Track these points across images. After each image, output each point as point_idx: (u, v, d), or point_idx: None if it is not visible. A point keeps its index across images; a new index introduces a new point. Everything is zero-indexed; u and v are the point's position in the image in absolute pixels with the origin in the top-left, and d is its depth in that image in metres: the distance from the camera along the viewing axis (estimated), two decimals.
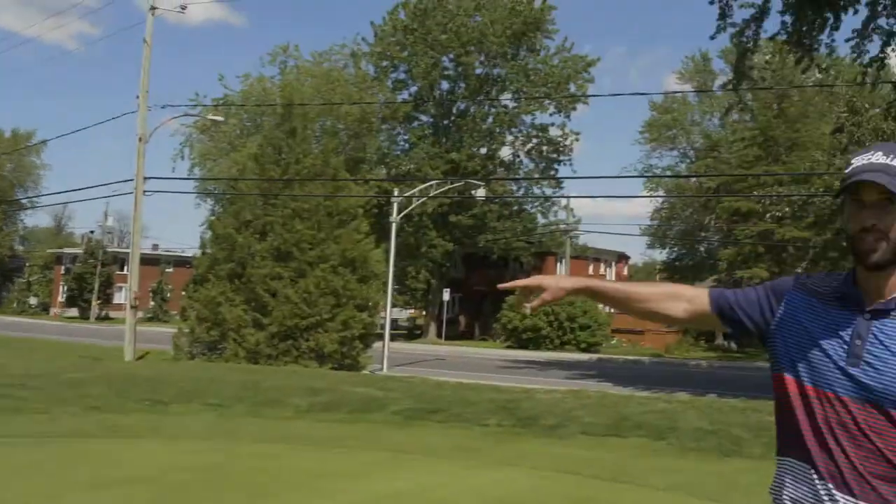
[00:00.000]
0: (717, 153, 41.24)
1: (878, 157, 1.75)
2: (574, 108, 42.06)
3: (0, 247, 66.68)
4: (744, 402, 12.93)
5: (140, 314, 52.80)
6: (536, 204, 43.83)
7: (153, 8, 22.35)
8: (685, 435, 9.60)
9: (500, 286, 2.05)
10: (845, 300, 1.85)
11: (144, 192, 22.42)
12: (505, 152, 44.22)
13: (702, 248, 45.64)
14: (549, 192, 43.78)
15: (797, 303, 1.93)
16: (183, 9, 23.53)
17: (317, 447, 8.79)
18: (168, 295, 58.76)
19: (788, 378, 1.87)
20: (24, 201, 68.16)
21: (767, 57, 34.43)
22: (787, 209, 33.71)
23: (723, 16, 17.69)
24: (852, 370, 1.74)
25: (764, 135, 38.91)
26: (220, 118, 29.85)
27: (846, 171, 1.80)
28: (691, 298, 2.11)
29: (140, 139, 22.28)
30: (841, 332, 1.80)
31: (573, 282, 2.10)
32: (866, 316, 1.78)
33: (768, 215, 34.14)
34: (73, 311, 59.60)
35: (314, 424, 10.31)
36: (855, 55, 18.19)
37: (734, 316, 2.05)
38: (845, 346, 1.77)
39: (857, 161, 1.79)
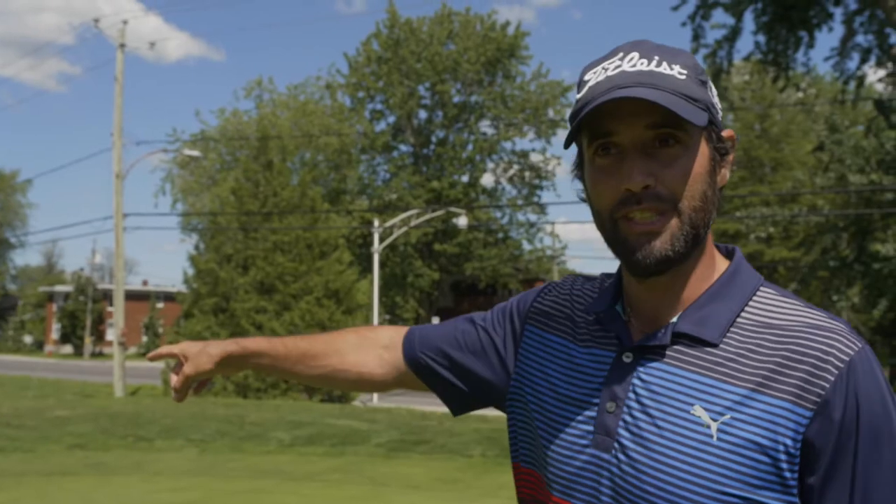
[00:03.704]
0: None
1: (635, 62, 1.03)
2: (554, 134, 42.37)
3: None
4: None
5: (133, 349, 53.01)
6: (522, 230, 43.97)
7: (122, 45, 22.53)
8: None
9: (148, 356, 1.47)
10: (601, 328, 1.15)
11: (124, 228, 22.40)
12: (487, 179, 44.36)
13: None
14: (533, 218, 43.98)
15: (534, 342, 1.23)
16: (152, 45, 24.03)
17: (297, 482, 8.75)
18: (160, 330, 58.59)
19: (532, 476, 1.19)
20: (12, 240, 68.11)
21: (746, 77, 34.88)
22: (771, 229, 33.87)
23: (696, 37, 17.90)
24: (605, 456, 1.05)
25: (747, 155, 39.21)
26: (196, 153, 29.90)
27: (578, 95, 1.07)
28: (389, 343, 1.40)
29: (117, 176, 22.29)
30: (590, 390, 1.10)
31: (223, 346, 1.39)
32: (626, 357, 1.07)
33: (752, 235, 34.29)
34: (68, 349, 59.47)
35: (296, 459, 10.28)
36: (837, 74, 18.41)
37: (436, 370, 1.33)
38: (593, 416, 1.08)
39: (598, 74, 1.04)
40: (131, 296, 44.52)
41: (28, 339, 64.90)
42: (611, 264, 1.19)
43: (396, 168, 42.18)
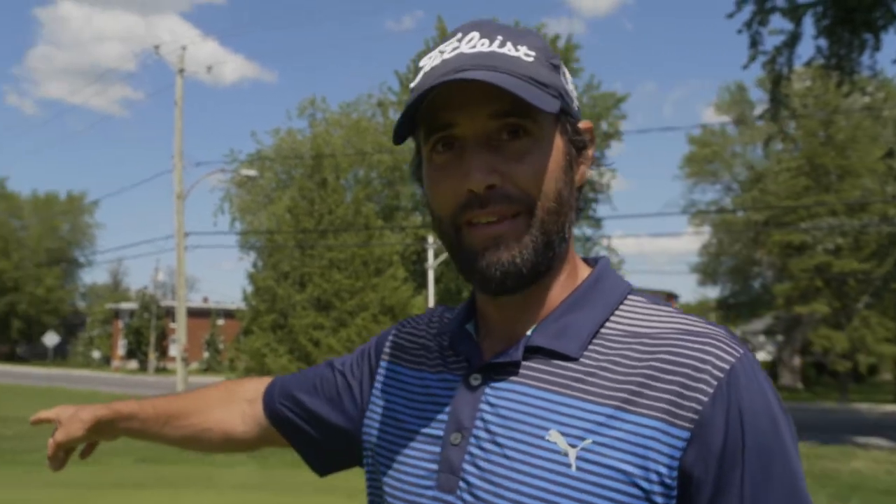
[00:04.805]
0: (763, 185, 40.62)
1: (475, 43, 0.89)
2: (608, 146, 42.00)
3: (62, 303, 68.64)
4: (807, 448, 12.41)
5: (195, 365, 53.94)
6: (578, 245, 43.62)
7: (181, 70, 23.10)
8: None
9: (31, 420, 1.38)
10: (453, 352, 1.02)
11: (186, 247, 22.81)
12: None
13: (756, 284, 44.65)
14: (589, 232, 43.57)
15: (385, 378, 1.09)
16: (209, 69, 24.73)
17: (350, 499, 8.71)
18: (220, 346, 59.63)
19: None
20: (81, 260, 70.37)
21: (808, 83, 34.10)
22: (839, 240, 32.87)
23: (753, 44, 17.53)
24: (449, 499, 0.90)
25: (811, 163, 38.16)
26: (253, 173, 30.44)
27: (412, 84, 0.95)
28: (253, 396, 1.27)
29: (178, 197, 22.75)
30: (435, 421, 0.96)
31: (94, 411, 1.29)
32: (474, 379, 0.93)
33: (819, 247, 33.31)
34: (134, 364, 60.97)
35: (354, 474, 10.24)
36: None
37: (294, 422, 1.20)
38: (437, 451, 0.94)
39: (434, 59, 0.91)
40: (192, 313, 45.28)
41: (96, 354, 66.67)
42: (669, 279, 1.06)
43: None
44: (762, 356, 46.11)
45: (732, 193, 44.45)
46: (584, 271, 0.98)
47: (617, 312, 0.92)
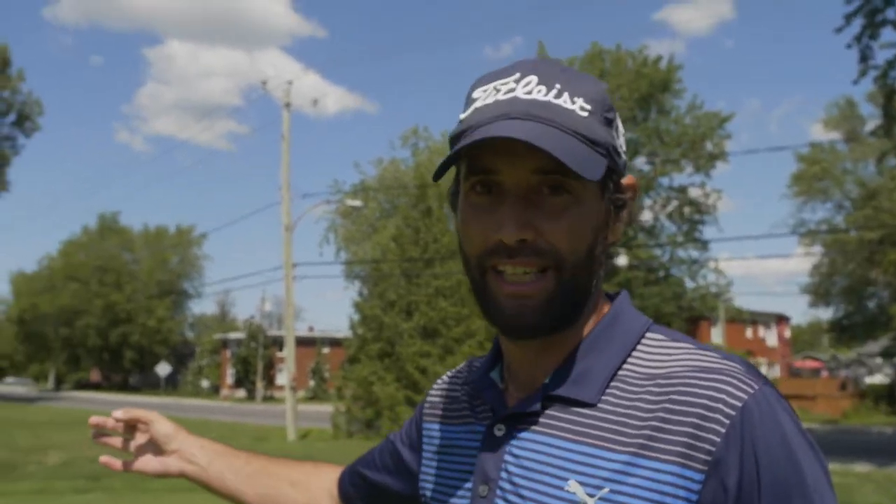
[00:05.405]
0: (877, 202, 38.97)
1: (531, 89, 0.89)
2: (713, 167, 41.11)
3: (172, 334, 71.22)
4: None
5: (301, 393, 54.93)
6: (683, 268, 42.66)
7: (287, 104, 23.83)
8: None
9: (91, 421, 1.31)
10: (481, 401, 1.03)
11: (294, 277, 23.38)
12: (645, 216, 43.56)
13: (871, 305, 42.78)
14: (695, 254, 42.60)
15: (427, 438, 1.12)
16: (315, 102, 25.54)
17: None
18: (326, 375, 60.59)
19: None
20: (189, 291, 73.09)
21: None
22: None
23: (863, 59, 16.92)
24: None
25: None
26: (358, 203, 31.04)
27: (462, 115, 0.94)
28: (336, 481, 1.30)
29: (286, 228, 23.40)
30: (464, 473, 1.00)
31: (202, 442, 1.31)
32: (498, 429, 0.95)
33: None
34: (242, 392, 62.44)
35: None
36: None
37: (362, 498, 1.24)
38: (466, 501, 0.98)
39: (487, 94, 0.91)
40: (299, 341, 46.19)
41: (205, 383, 68.68)
42: (779, 301, 1.07)
43: None
44: (879, 379, 44.01)
45: (844, 212, 42.82)
46: (605, 307, 0.98)
47: (634, 353, 0.91)
